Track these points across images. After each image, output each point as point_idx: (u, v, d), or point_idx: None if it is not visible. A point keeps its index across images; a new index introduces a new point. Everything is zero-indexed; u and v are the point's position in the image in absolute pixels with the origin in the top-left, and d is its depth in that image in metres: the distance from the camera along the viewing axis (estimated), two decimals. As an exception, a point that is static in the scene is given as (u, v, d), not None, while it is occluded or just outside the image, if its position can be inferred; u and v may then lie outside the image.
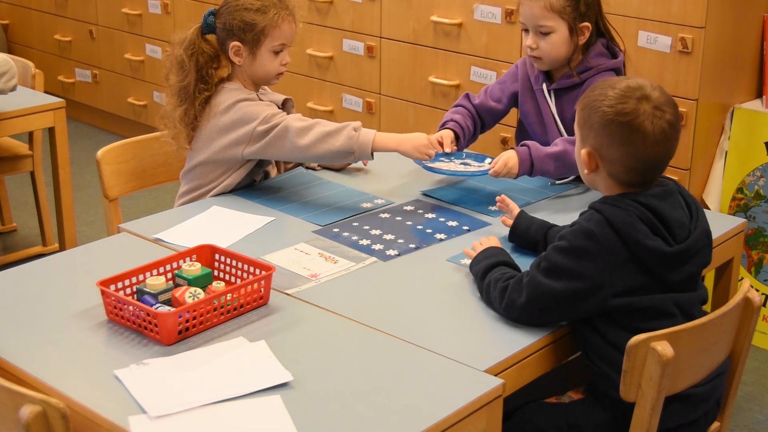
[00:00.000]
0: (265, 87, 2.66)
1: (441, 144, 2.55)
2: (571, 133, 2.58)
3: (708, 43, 3.10)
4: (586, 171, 1.97)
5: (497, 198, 2.33)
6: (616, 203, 1.89)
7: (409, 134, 2.47)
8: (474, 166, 2.60)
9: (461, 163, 2.61)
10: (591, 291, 1.87)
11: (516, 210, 2.28)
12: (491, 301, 1.97)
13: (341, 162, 2.63)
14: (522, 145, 2.51)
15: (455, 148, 2.61)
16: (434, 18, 3.79)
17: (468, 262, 2.13)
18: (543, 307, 1.90)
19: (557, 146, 2.51)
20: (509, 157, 2.47)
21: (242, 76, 2.56)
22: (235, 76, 2.57)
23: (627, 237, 1.85)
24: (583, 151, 1.94)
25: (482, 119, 2.76)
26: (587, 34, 2.56)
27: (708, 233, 1.98)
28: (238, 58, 2.52)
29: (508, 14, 3.57)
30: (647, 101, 1.87)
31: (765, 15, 3.28)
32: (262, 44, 2.50)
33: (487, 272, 2.01)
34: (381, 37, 4.00)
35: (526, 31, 2.58)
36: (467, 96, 2.77)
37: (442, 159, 2.61)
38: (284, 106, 2.62)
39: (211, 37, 2.56)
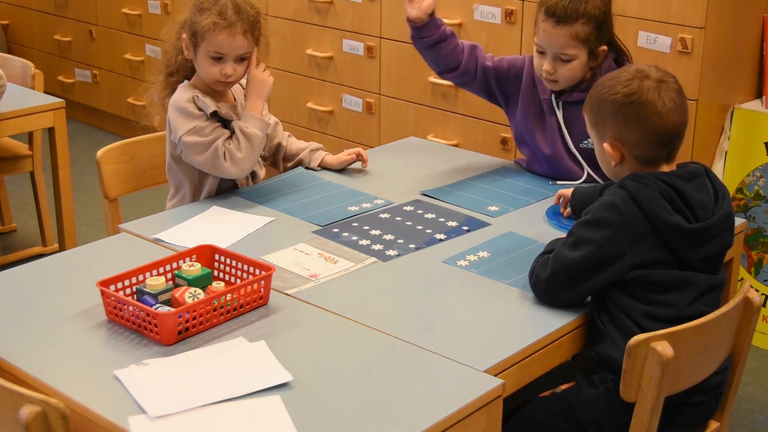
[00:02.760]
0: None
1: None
2: (577, 143, 2.58)
3: (708, 44, 3.10)
4: (613, 164, 2.03)
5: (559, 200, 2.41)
6: (640, 180, 1.96)
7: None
8: None
9: None
10: (611, 260, 1.93)
11: (568, 192, 2.37)
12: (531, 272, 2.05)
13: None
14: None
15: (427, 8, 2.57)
16: (434, 18, 3.79)
17: (466, 263, 2.15)
18: (565, 279, 1.96)
19: None
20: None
21: (197, 76, 2.53)
22: (195, 76, 2.55)
23: (648, 211, 1.92)
24: (605, 145, 2.02)
25: (469, 61, 2.67)
26: (602, 56, 2.52)
27: (731, 217, 2.03)
28: (186, 51, 2.50)
29: (508, 14, 3.57)
30: (648, 78, 1.98)
31: (765, 15, 3.28)
32: (200, 45, 2.45)
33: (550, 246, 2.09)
34: (381, 38, 4.00)
35: (542, 53, 2.52)
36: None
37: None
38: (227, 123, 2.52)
39: None
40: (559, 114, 2.59)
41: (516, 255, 2.20)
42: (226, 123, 2.50)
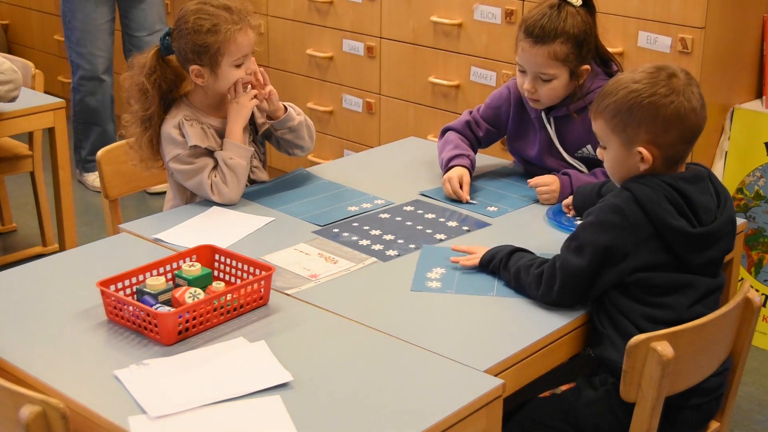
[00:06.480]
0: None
1: (461, 187, 2.51)
2: (572, 154, 2.56)
3: (708, 44, 3.10)
4: (642, 168, 1.96)
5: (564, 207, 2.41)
6: (645, 182, 1.94)
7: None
8: None
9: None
10: (613, 262, 1.92)
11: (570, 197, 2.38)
12: (524, 287, 2.02)
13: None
14: (563, 174, 2.49)
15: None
16: (434, 18, 3.79)
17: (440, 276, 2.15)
18: (576, 286, 1.95)
19: (596, 176, 2.49)
20: (553, 180, 2.48)
21: (203, 92, 2.51)
22: (195, 91, 2.53)
23: (652, 215, 1.91)
24: (640, 149, 1.95)
25: (480, 145, 2.74)
26: (585, 76, 2.48)
27: (733, 221, 2.02)
28: (200, 79, 2.47)
29: (508, 14, 3.57)
30: (675, 76, 1.94)
31: (765, 15, 3.28)
32: (222, 63, 2.43)
33: (509, 261, 2.05)
34: (381, 38, 4.00)
35: (523, 71, 2.49)
36: (469, 125, 2.70)
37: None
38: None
39: (171, 57, 2.51)
40: (552, 130, 2.57)
41: (516, 255, 2.20)
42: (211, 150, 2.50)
